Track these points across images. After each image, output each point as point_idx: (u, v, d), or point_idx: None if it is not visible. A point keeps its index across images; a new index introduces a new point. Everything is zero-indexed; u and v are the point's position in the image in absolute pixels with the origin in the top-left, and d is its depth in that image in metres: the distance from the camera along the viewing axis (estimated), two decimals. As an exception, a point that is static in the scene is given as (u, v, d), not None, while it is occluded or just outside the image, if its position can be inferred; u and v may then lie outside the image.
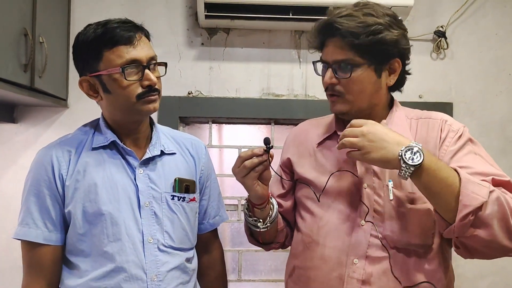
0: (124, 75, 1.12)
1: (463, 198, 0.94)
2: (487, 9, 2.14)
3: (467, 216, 0.94)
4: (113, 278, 1.13)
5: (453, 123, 1.14)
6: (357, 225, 1.11)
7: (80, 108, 1.97)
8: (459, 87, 2.13)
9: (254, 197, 1.16)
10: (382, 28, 1.08)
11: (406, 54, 1.14)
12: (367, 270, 1.08)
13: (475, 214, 0.94)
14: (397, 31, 1.10)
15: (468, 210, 0.94)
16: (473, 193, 0.94)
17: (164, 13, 2.04)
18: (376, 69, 1.11)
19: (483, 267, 2.12)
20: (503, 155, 2.13)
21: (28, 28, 1.55)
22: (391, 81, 1.14)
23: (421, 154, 0.95)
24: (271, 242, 1.29)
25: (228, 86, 2.07)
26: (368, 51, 1.08)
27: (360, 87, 1.10)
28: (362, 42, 1.07)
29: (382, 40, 1.08)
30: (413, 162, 0.95)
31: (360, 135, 1.00)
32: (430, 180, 0.97)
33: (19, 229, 1.17)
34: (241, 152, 1.12)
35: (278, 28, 2.05)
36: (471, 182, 0.96)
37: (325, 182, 1.15)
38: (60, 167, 1.17)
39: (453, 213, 0.96)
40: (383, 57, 1.11)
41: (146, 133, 1.25)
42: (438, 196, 0.98)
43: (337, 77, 1.11)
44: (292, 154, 1.27)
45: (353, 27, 1.07)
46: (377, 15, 1.09)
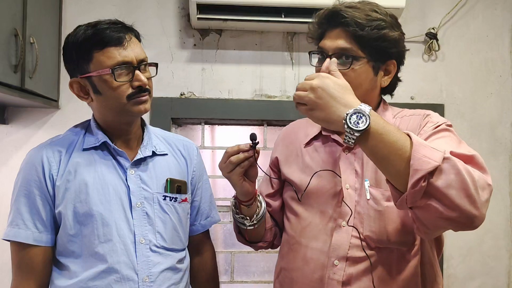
0: (114, 76, 1.12)
1: (414, 162, 0.85)
2: (478, 11, 2.16)
3: (418, 182, 0.85)
4: (104, 279, 1.13)
5: (435, 116, 1.11)
6: (338, 226, 1.10)
7: (72, 109, 1.96)
8: (450, 89, 2.15)
9: (240, 193, 1.16)
10: (386, 25, 1.08)
11: (402, 56, 1.14)
12: (347, 271, 1.08)
13: (428, 180, 0.85)
14: (398, 32, 1.10)
15: (420, 175, 0.84)
16: (425, 157, 0.85)
17: (156, 14, 2.04)
18: (374, 67, 1.10)
19: (474, 268, 2.14)
20: (493, 156, 2.15)
21: (18, 28, 1.54)
22: (385, 83, 1.13)
23: (367, 118, 0.87)
24: (259, 240, 1.29)
25: (221, 87, 2.07)
26: (369, 45, 1.07)
27: (357, 82, 1.07)
28: (366, 34, 1.06)
29: (384, 36, 1.07)
30: (357, 127, 0.87)
31: (309, 89, 0.92)
32: (377, 144, 0.88)
33: (9, 230, 1.16)
34: (228, 148, 1.12)
35: (270, 29, 2.05)
36: (423, 146, 0.87)
37: (308, 182, 1.15)
38: (50, 168, 1.16)
39: (404, 179, 0.86)
40: (382, 55, 1.10)
41: (138, 134, 1.25)
42: (386, 161, 0.88)
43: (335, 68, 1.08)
44: (280, 153, 1.28)
45: (360, 17, 1.06)
46: (381, 12, 1.09)
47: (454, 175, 0.85)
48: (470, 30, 2.15)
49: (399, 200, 0.90)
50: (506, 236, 2.16)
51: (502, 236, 2.16)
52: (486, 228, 2.14)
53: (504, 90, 2.17)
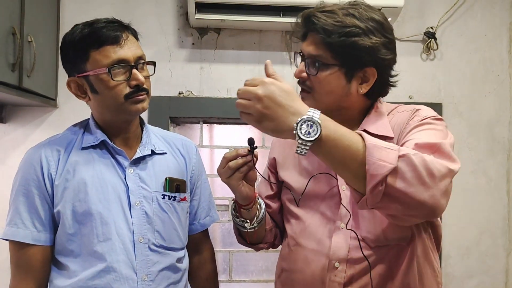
0: (111, 75, 1.11)
1: (370, 167, 0.83)
2: (476, 11, 2.16)
3: (376, 187, 0.84)
4: (103, 278, 1.13)
5: (424, 111, 1.09)
6: (337, 227, 1.10)
7: (70, 108, 1.95)
8: (448, 88, 2.15)
9: (240, 198, 1.15)
10: (359, 32, 1.02)
11: (384, 64, 1.07)
12: (348, 273, 1.07)
13: (385, 183, 0.84)
14: (377, 38, 1.04)
15: (377, 180, 0.83)
16: (380, 160, 0.83)
17: (155, 13, 2.03)
18: (347, 74, 1.06)
19: (471, 267, 2.14)
20: (490, 155, 2.16)
21: (16, 27, 1.54)
22: (362, 90, 1.08)
23: (318, 126, 0.83)
24: (260, 242, 1.29)
25: (219, 86, 2.07)
26: (339, 52, 1.04)
27: (328, 88, 1.06)
28: (332, 41, 1.03)
29: (354, 44, 1.02)
30: (309, 137, 0.83)
31: (254, 98, 0.85)
32: (331, 150, 0.85)
33: (7, 229, 1.15)
34: (226, 153, 1.10)
35: (269, 28, 2.05)
36: (377, 148, 0.85)
37: (305, 185, 1.15)
38: (49, 167, 1.15)
39: (362, 183, 0.85)
40: (355, 63, 1.05)
41: (137, 133, 1.25)
42: (342, 166, 0.87)
43: (307, 72, 1.08)
44: (278, 155, 1.27)
45: (328, 24, 1.03)
46: (360, 17, 1.04)
47: (411, 172, 0.84)
48: (469, 29, 2.16)
49: (359, 202, 0.89)
50: (503, 235, 2.17)
51: (499, 235, 2.16)
52: (484, 227, 2.15)
53: (502, 89, 2.17)
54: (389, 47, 1.07)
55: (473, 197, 2.14)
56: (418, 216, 0.92)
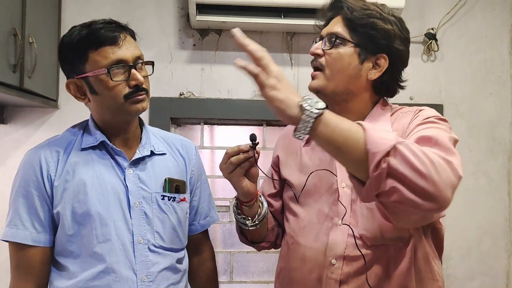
0: (110, 75, 1.11)
1: (371, 146, 0.83)
2: (477, 12, 2.16)
3: (379, 164, 0.82)
4: (103, 279, 1.13)
5: (427, 111, 1.09)
6: (334, 225, 1.11)
7: (71, 109, 1.95)
8: (449, 89, 2.15)
9: (241, 194, 1.15)
10: (379, 16, 1.10)
11: (397, 55, 1.12)
12: (344, 270, 1.08)
13: (388, 162, 0.83)
14: (393, 27, 1.10)
15: (379, 157, 0.82)
16: (380, 139, 0.83)
17: (156, 14, 2.04)
18: (360, 54, 1.10)
19: (473, 268, 2.14)
20: (492, 156, 2.15)
21: (17, 28, 1.54)
22: (372, 76, 1.11)
23: (321, 103, 0.85)
24: (261, 241, 1.29)
25: (220, 87, 2.07)
26: (358, 30, 1.10)
27: (340, 65, 1.10)
28: (354, 18, 1.10)
29: (373, 25, 1.09)
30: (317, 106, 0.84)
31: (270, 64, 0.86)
32: (333, 130, 0.85)
33: (7, 230, 1.16)
34: (228, 149, 1.12)
35: (270, 29, 2.05)
36: (376, 130, 0.86)
37: (305, 182, 1.15)
38: (48, 168, 1.16)
39: (364, 166, 0.84)
40: (370, 44, 1.10)
41: (136, 133, 1.25)
42: (344, 149, 0.85)
43: (323, 49, 1.12)
44: (281, 152, 1.28)
45: (354, 4, 1.11)
46: (382, 9, 1.12)
47: (411, 156, 0.83)
48: (469, 30, 2.16)
49: (364, 190, 0.87)
50: (505, 236, 2.16)
51: (501, 236, 2.16)
52: (485, 228, 2.15)
53: (503, 90, 2.17)
54: (403, 41, 1.13)
55: (474, 198, 2.13)
56: (422, 207, 0.85)
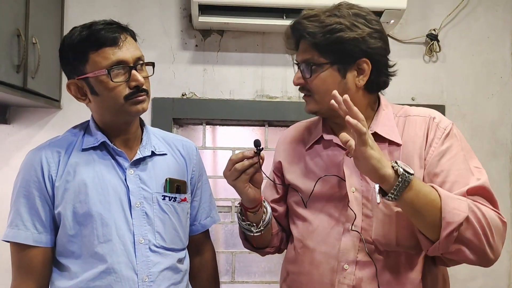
0: (110, 76, 1.12)
1: (446, 215, 0.95)
2: (479, 13, 2.16)
3: (451, 233, 0.95)
4: (104, 279, 1.13)
5: (440, 120, 1.12)
6: (346, 230, 1.10)
7: (73, 109, 1.96)
8: (451, 90, 2.15)
9: (246, 200, 1.15)
10: (342, 27, 1.07)
11: (375, 53, 1.10)
12: (357, 275, 1.08)
13: (458, 230, 0.96)
14: (361, 30, 1.08)
15: (452, 227, 0.95)
16: (455, 209, 0.95)
17: (158, 15, 2.04)
18: (340, 69, 1.10)
19: (474, 269, 2.12)
20: (493, 157, 2.15)
21: (21, 28, 1.55)
22: (360, 82, 1.11)
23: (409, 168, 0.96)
24: (266, 246, 1.29)
25: (222, 88, 2.07)
26: (327, 50, 1.09)
27: (325, 87, 1.10)
28: (319, 41, 1.08)
29: (339, 39, 1.07)
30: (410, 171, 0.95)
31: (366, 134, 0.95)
32: (417, 194, 0.96)
33: (8, 231, 1.16)
34: (232, 155, 1.11)
35: (271, 30, 2.06)
36: (451, 198, 0.97)
37: (312, 187, 1.15)
38: (49, 168, 1.16)
39: (437, 230, 0.97)
40: (345, 57, 1.09)
41: (137, 134, 1.25)
42: (423, 212, 0.97)
43: (304, 77, 1.12)
44: (283, 158, 1.27)
45: (311, 27, 1.08)
46: (342, 15, 1.09)
47: (478, 225, 0.97)
48: (471, 31, 2.16)
49: (431, 249, 0.99)
50: (507, 237, 2.14)
51: (503, 238, 2.15)
52: (487, 229, 2.15)
53: (505, 91, 2.17)
54: (375, 37, 1.11)
55: (476, 199, 2.13)
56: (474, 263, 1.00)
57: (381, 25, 1.14)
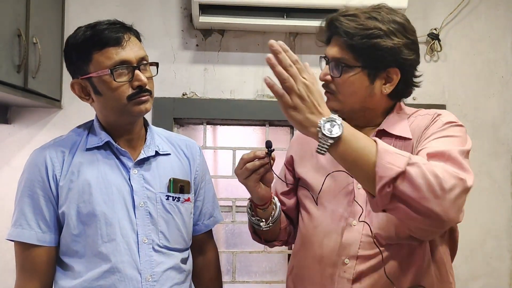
0: (113, 76, 1.12)
1: (379, 169, 0.88)
2: (480, 12, 2.15)
3: (383, 188, 0.87)
4: (108, 278, 1.13)
5: (445, 116, 1.10)
6: (349, 225, 1.11)
7: (74, 110, 1.96)
8: (452, 89, 2.15)
9: (256, 198, 1.17)
10: (380, 34, 1.06)
11: (407, 64, 1.10)
12: (357, 269, 1.08)
13: (393, 185, 0.87)
14: (399, 40, 1.07)
15: (384, 182, 0.87)
16: (389, 164, 0.88)
17: (159, 14, 2.04)
18: (370, 74, 1.09)
19: (476, 269, 2.14)
20: (495, 157, 2.15)
21: (21, 28, 1.55)
22: (386, 90, 1.11)
23: (340, 126, 0.89)
24: (274, 240, 1.30)
25: (223, 88, 2.07)
26: (362, 54, 1.08)
27: (351, 89, 1.10)
28: (355, 43, 1.07)
29: (376, 46, 1.06)
30: (331, 135, 0.88)
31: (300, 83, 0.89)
32: (347, 151, 0.90)
33: (13, 230, 1.16)
34: (244, 154, 1.12)
35: (272, 30, 2.06)
36: (388, 153, 0.89)
37: (322, 183, 1.16)
38: (54, 168, 1.16)
39: (373, 184, 0.89)
40: (378, 64, 1.08)
41: (141, 134, 1.25)
42: (354, 167, 0.91)
43: (331, 75, 1.11)
44: (295, 152, 1.28)
45: (351, 27, 1.07)
46: (382, 20, 1.07)
47: (420, 179, 0.87)
48: (473, 30, 2.15)
49: (372, 204, 0.93)
50: (508, 237, 2.16)
51: (504, 237, 2.15)
52: (488, 229, 2.14)
53: (507, 91, 2.17)
54: (411, 48, 1.10)
55: (477, 198, 2.13)
56: (427, 224, 0.92)
57: (416, 35, 1.12)
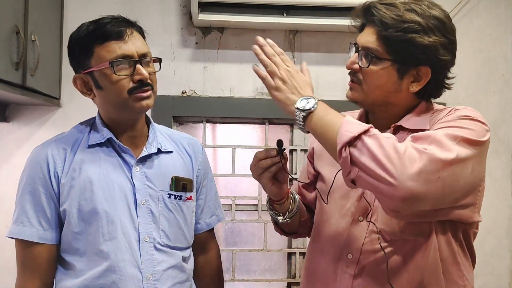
0: (114, 69, 1.11)
1: (338, 136, 0.93)
2: (480, 10, 2.15)
3: (340, 152, 0.92)
4: (109, 277, 1.13)
5: (463, 110, 1.05)
6: (355, 220, 1.11)
7: (73, 107, 1.95)
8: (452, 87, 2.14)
9: (271, 194, 1.17)
10: (418, 28, 1.00)
11: (440, 65, 1.04)
12: (360, 264, 1.08)
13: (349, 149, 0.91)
14: (437, 38, 1.01)
15: (340, 146, 0.91)
16: (346, 131, 0.92)
17: (158, 12, 2.03)
18: (399, 70, 1.04)
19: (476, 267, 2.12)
20: (495, 156, 2.14)
21: (20, 26, 1.54)
22: (414, 88, 1.06)
23: (315, 103, 0.97)
24: (294, 232, 1.31)
25: (222, 86, 2.07)
26: (394, 47, 1.03)
27: (378, 82, 1.06)
28: (389, 35, 1.01)
29: (410, 41, 1.01)
30: (304, 107, 0.96)
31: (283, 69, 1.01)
32: (316, 122, 0.97)
33: (13, 227, 1.15)
34: (257, 152, 1.13)
35: (272, 27, 2.05)
36: (349, 123, 0.94)
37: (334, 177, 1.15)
38: (55, 165, 1.15)
39: None
40: (409, 60, 1.03)
41: (143, 131, 1.25)
42: (323, 138, 0.97)
43: (359, 64, 1.07)
44: (316, 145, 1.27)
45: (387, 17, 1.02)
46: (421, 14, 1.02)
47: (375, 146, 0.89)
48: (473, 28, 2.15)
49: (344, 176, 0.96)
50: (508, 235, 2.15)
51: (504, 236, 2.15)
52: (488, 227, 2.14)
53: (507, 89, 2.16)
54: (448, 48, 1.04)
55: (477, 197, 2.12)
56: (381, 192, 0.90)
57: (455, 35, 1.06)
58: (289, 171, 1.15)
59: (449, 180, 0.91)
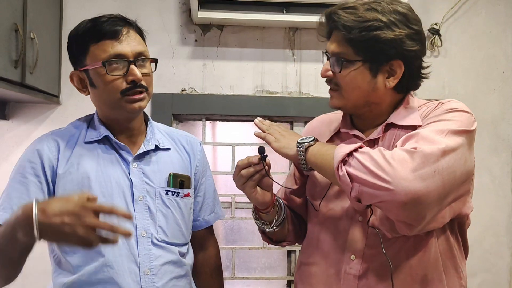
0: (106, 69, 1.11)
1: (334, 158, 1.00)
2: (481, 8, 2.15)
3: (338, 171, 0.98)
4: (106, 272, 1.12)
5: (448, 103, 1.08)
6: (355, 221, 1.10)
7: (72, 105, 1.95)
8: (452, 85, 2.14)
9: (256, 203, 1.16)
10: (380, 25, 1.02)
11: (411, 56, 1.05)
12: (364, 265, 1.08)
13: (345, 169, 0.97)
14: (401, 30, 1.03)
15: (336, 165, 0.98)
16: (339, 152, 0.99)
17: (157, 9, 2.03)
18: (371, 68, 1.05)
19: (475, 265, 2.13)
20: (495, 153, 2.14)
21: (19, 23, 1.54)
22: (390, 84, 1.07)
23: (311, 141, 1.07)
24: (283, 240, 1.29)
25: (222, 83, 2.07)
26: (362, 47, 1.05)
27: (353, 84, 1.08)
28: (354, 37, 1.03)
29: (376, 38, 1.02)
30: (305, 141, 1.07)
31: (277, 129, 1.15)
32: (316, 154, 1.05)
33: None
34: (239, 161, 1.11)
35: (272, 25, 2.05)
36: (341, 146, 1.01)
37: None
38: (50, 156, 1.15)
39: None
40: (379, 57, 1.05)
41: (141, 129, 1.25)
42: (322, 167, 1.04)
43: (332, 70, 1.09)
44: None
45: (349, 20, 1.03)
46: (382, 11, 1.04)
47: (366, 160, 0.95)
48: (473, 26, 2.15)
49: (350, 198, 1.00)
50: (507, 233, 2.16)
51: (503, 233, 2.15)
52: (488, 225, 2.14)
53: (507, 86, 2.16)
54: (414, 38, 1.05)
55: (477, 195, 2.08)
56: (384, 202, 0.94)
57: (421, 24, 1.08)
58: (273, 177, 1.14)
59: (446, 173, 0.93)
